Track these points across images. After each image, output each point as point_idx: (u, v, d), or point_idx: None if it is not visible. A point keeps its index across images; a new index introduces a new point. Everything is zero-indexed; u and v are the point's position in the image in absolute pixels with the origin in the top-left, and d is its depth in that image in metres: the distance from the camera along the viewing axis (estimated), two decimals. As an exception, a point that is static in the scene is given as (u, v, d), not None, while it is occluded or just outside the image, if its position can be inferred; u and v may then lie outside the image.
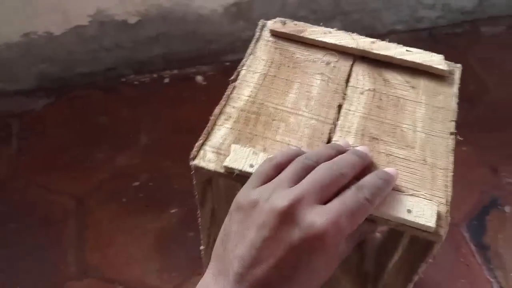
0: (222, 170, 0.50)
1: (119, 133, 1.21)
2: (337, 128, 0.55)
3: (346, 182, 0.42)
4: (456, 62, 0.63)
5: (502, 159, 1.14)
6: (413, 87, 0.60)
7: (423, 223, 0.46)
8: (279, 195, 0.39)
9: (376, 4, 1.31)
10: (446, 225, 0.47)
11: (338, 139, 0.53)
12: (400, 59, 0.61)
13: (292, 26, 0.64)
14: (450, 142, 0.55)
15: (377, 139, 0.54)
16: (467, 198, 1.07)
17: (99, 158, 1.16)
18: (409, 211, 0.47)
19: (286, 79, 0.59)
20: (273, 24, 0.64)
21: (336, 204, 0.39)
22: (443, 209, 0.49)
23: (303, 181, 0.40)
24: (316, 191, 0.39)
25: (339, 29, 0.63)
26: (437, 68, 0.60)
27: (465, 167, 1.12)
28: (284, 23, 0.64)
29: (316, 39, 0.62)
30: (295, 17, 0.65)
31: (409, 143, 0.54)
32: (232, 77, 0.59)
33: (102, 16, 1.14)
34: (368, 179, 0.42)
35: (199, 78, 1.30)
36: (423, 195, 0.49)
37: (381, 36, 1.40)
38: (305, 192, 0.39)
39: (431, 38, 1.44)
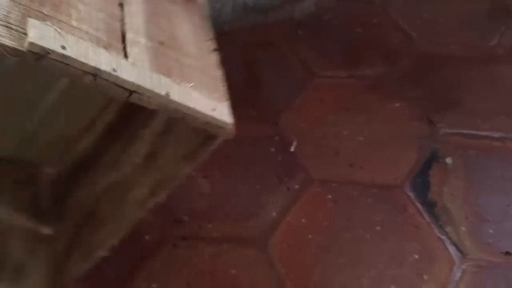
0: (23, 49, 0.40)
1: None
2: (127, 27, 0.53)
3: None
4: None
5: (436, 110, 1.09)
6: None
7: (224, 120, 0.54)
8: None
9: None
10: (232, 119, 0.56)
11: (132, 37, 0.53)
12: None
13: None
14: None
15: (163, 43, 0.55)
16: (407, 155, 1.01)
17: None
18: (213, 109, 0.54)
19: None
20: None
21: None
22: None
23: None
24: None
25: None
26: None
27: (400, 123, 1.06)
28: None
29: None
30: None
31: (190, 54, 0.57)
32: None
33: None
34: None
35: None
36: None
37: None
38: None
39: (348, -3, 1.37)
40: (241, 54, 1.19)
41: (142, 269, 0.86)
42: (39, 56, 0.41)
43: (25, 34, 0.41)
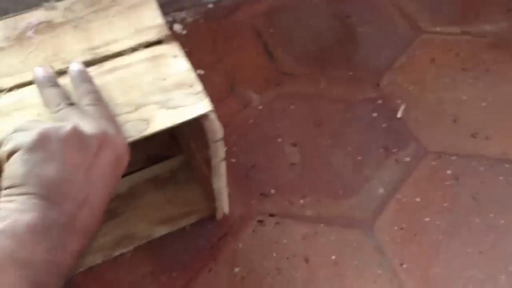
0: None
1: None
2: None
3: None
4: None
5: None
6: None
7: None
8: None
9: None
10: None
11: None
12: None
13: None
14: None
15: None
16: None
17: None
18: None
19: None
20: None
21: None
22: None
23: None
24: None
25: None
26: None
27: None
28: None
29: None
30: None
31: None
32: None
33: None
34: (80, 91, 0.53)
35: (177, 27, 1.04)
36: None
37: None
38: None
39: None
40: (333, 7, 1.03)
41: (222, 250, 0.72)
42: None
43: None
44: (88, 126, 0.47)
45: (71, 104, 0.51)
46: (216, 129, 0.56)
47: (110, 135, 0.48)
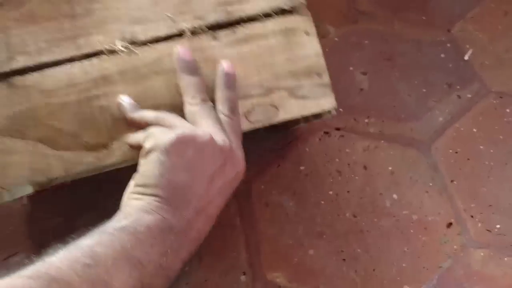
0: None
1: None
2: None
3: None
4: None
5: None
6: None
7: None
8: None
9: None
10: None
11: None
12: None
13: None
14: None
15: None
16: None
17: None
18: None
19: None
20: None
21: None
22: None
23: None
24: None
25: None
26: None
27: None
28: None
29: None
30: None
31: None
32: None
33: None
34: (221, 96, 0.54)
35: None
36: None
37: None
38: None
39: None
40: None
41: (290, 151, 0.81)
42: None
43: None
44: (219, 138, 0.49)
45: (205, 100, 0.52)
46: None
47: (235, 152, 0.51)
